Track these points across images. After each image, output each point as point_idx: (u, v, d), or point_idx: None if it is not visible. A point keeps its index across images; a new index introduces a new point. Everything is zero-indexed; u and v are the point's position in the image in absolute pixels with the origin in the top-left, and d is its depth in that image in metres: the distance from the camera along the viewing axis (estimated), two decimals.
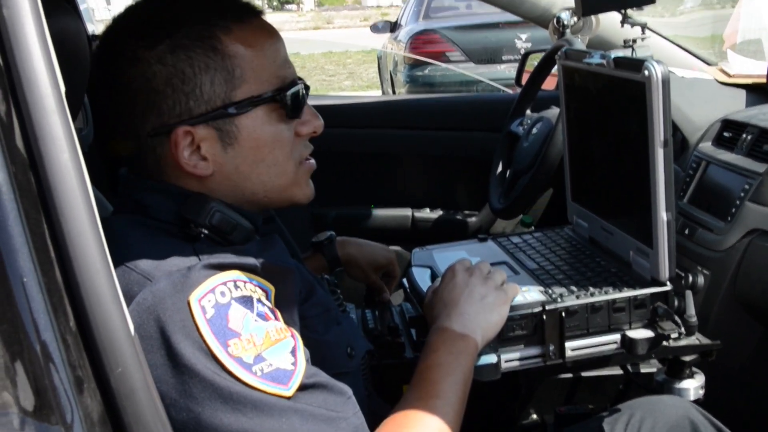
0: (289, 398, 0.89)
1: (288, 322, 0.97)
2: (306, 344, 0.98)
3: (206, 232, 0.99)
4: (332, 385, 0.95)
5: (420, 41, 7.68)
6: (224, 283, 0.91)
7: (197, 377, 0.86)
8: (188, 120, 1.00)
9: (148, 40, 1.00)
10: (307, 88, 1.11)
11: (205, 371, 0.86)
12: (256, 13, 1.07)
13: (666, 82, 1.11)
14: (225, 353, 0.87)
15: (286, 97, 1.05)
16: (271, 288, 0.97)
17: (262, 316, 0.92)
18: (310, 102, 1.12)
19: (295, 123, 1.09)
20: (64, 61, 0.76)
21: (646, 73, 1.11)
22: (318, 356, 1.03)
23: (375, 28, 9.20)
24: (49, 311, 0.64)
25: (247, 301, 0.91)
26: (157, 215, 1.02)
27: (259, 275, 0.97)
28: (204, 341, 0.87)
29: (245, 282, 0.93)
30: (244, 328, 0.89)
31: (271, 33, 1.07)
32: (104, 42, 1.06)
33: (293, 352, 0.92)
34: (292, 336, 0.94)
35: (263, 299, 0.94)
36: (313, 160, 1.15)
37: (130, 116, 1.02)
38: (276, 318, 0.94)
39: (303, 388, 0.91)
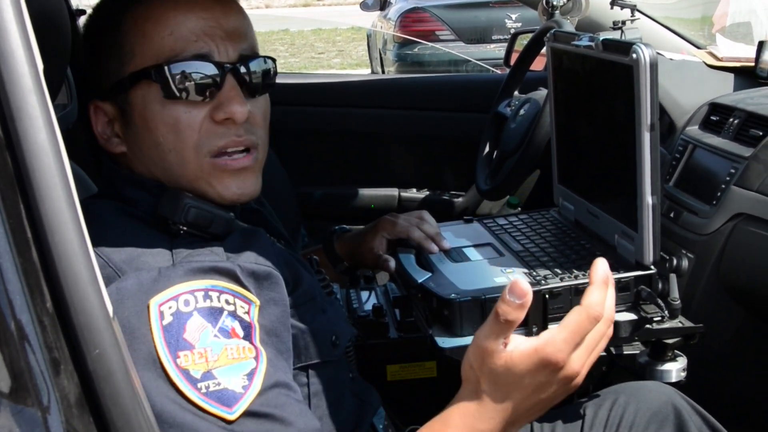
0: (230, 422, 0.84)
1: (269, 334, 0.93)
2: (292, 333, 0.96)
3: (185, 228, 0.96)
4: (285, 418, 0.88)
5: (410, 20, 7.65)
6: (192, 292, 0.87)
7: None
8: (99, 95, 1.02)
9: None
10: (221, 66, 0.98)
11: (145, 378, 0.82)
12: None
13: (654, 66, 1.10)
14: (172, 363, 0.84)
15: (166, 73, 0.96)
16: (256, 302, 0.92)
17: (226, 332, 0.87)
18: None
19: (210, 106, 0.99)
20: (44, 37, 0.75)
21: (634, 56, 1.11)
22: (302, 345, 1.02)
23: (365, 6, 9.10)
24: (25, 292, 0.63)
25: (212, 314, 0.87)
26: (140, 210, 1.01)
27: (241, 285, 0.92)
28: (154, 347, 0.84)
29: (220, 293, 0.89)
30: (200, 341, 0.85)
31: (179, 5, 0.98)
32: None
33: (251, 375, 0.87)
34: (257, 357, 0.88)
35: (239, 313, 0.89)
36: (236, 158, 1.01)
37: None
38: (247, 336, 0.89)
39: (250, 414, 0.85)
